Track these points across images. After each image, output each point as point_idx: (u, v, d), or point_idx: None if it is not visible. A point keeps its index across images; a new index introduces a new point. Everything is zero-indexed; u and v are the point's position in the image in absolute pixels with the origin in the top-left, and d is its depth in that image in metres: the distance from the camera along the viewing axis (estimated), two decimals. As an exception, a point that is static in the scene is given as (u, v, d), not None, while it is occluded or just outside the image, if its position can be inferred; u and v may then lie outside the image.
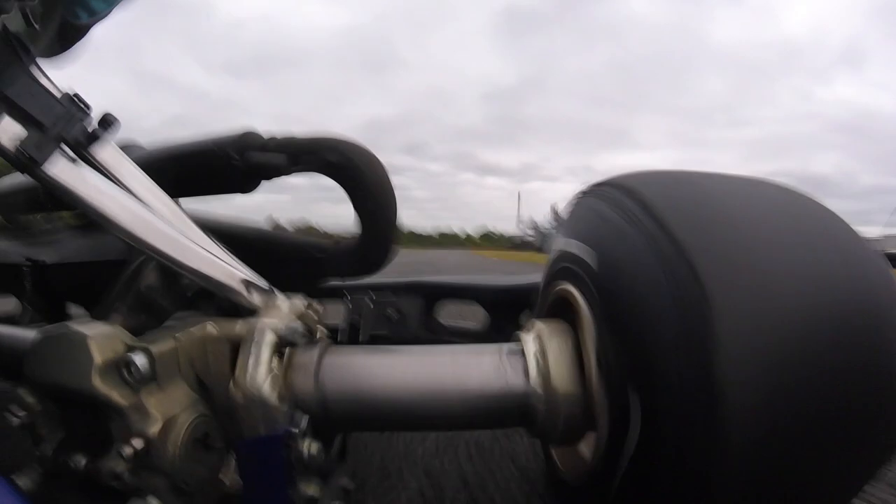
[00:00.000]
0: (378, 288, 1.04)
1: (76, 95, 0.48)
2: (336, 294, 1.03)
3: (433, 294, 1.05)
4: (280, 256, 0.85)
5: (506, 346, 0.55)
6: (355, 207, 0.75)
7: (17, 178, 1.01)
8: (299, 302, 0.56)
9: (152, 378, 0.44)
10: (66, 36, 0.53)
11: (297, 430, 0.47)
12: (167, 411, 0.44)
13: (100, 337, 0.43)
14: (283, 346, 0.51)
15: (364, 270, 0.82)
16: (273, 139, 0.76)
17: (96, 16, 0.53)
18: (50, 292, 1.04)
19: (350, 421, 0.55)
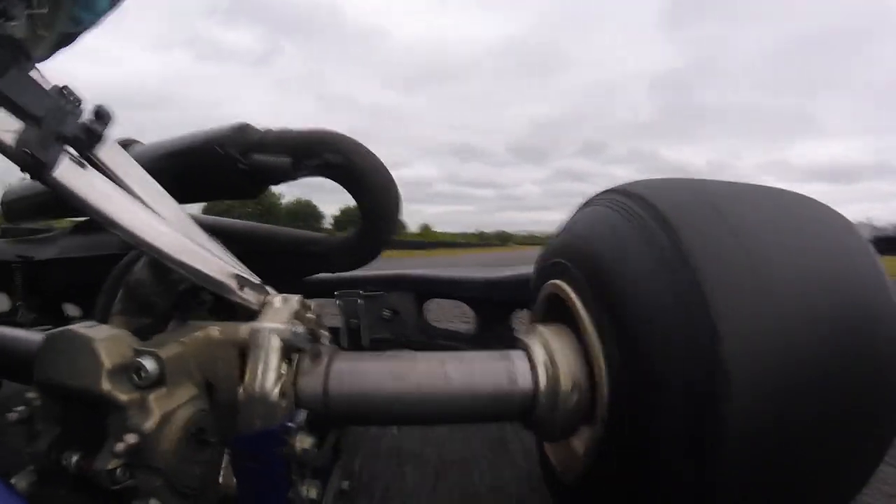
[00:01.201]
0: (365, 282, 1.05)
1: (65, 88, 0.48)
2: (325, 288, 1.04)
3: (420, 289, 1.05)
4: (275, 250, 0.85)
5: (514, 353, 0.56)
6: (360, 205, 0.75)
7: (25, 184, 1.01)
8: (296, 302, 0.56)
9: (161, 382, 0.44)
10: (59, 43, 0.53)
11: (293, 425, 0.47)
12: (166, 407, 0.44)
13: (108, 340, 0.44)
14: (290, 351, 0.51)
15: (358, 264, 0.82)
16: (269, 131, 0.76)
17: (82, 25, 0.53)
18: (41, 289, 1.04)
19: (356, 420, 0.56)
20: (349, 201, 0.76)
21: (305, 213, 66.53)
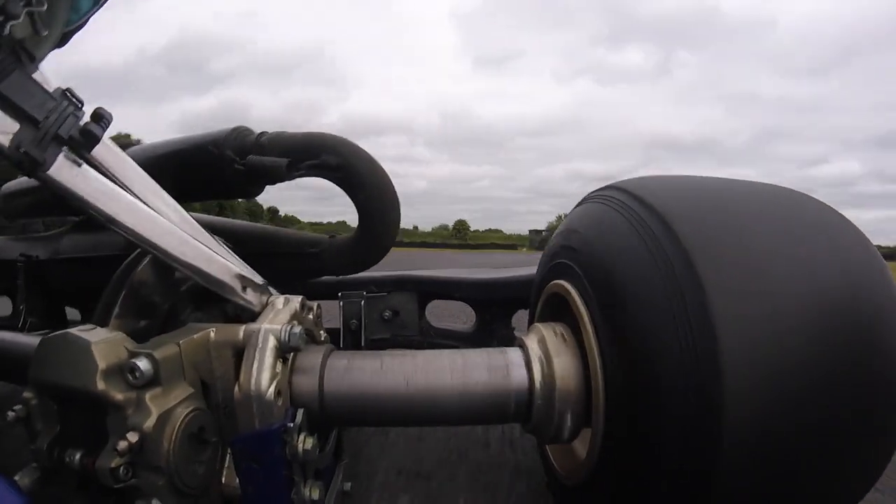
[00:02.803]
0: (368, 282, 1.05)
1: (68, 90, 0.48)
2: (330, 290, 1.04)
3: (423, 290, 1.05)
4: (274, 252, 0.85)
5: (510, 350, 0.56)
6: (357, 207, 0.75)
7: (22, 181, 1.01)
8: (297, 303, 0.56)
9: (156, 381, 0.44)
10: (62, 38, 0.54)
11: (292, 425, 0.48)
12: (163, 406, 0.44)
13: (103, 343, 0.44)
14: (285, 350, 0.51)
15: (358, 267, 0.82)
16: (265, 133, 0.77)
17: (83, 17, 0.53)
18: (45, 290, 1.03)
19: (352, 420, 0.56)
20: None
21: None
